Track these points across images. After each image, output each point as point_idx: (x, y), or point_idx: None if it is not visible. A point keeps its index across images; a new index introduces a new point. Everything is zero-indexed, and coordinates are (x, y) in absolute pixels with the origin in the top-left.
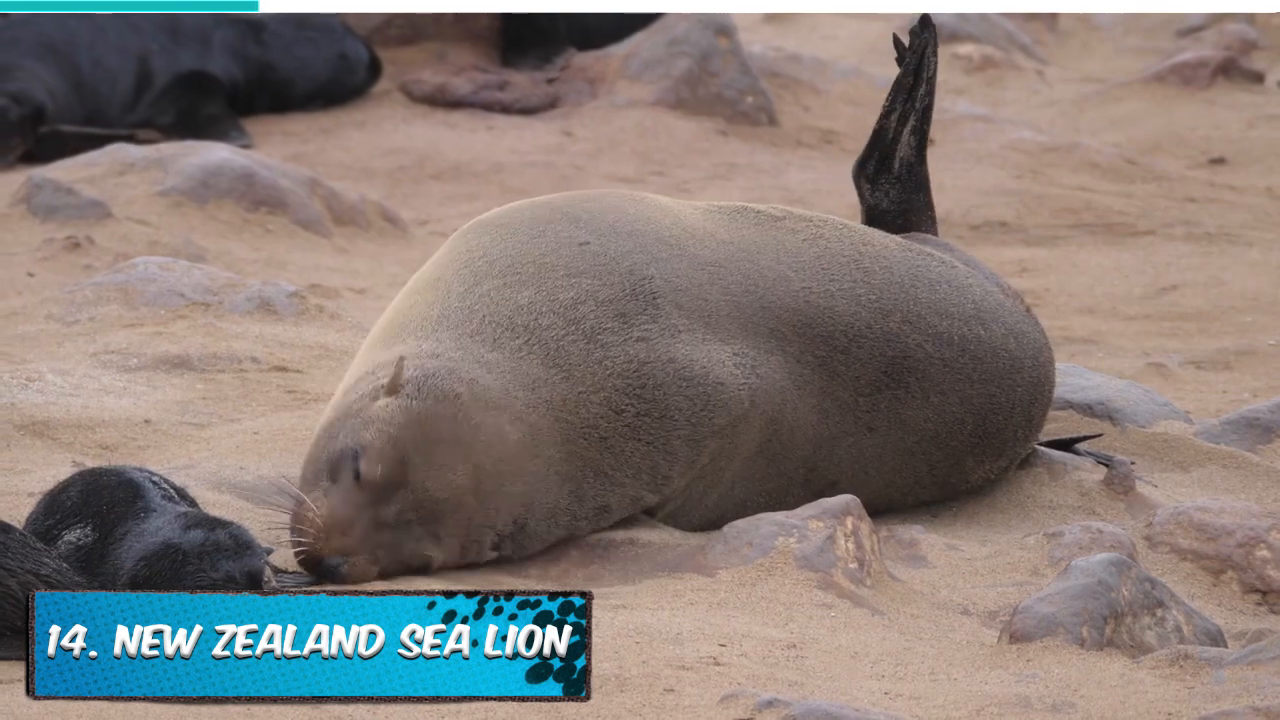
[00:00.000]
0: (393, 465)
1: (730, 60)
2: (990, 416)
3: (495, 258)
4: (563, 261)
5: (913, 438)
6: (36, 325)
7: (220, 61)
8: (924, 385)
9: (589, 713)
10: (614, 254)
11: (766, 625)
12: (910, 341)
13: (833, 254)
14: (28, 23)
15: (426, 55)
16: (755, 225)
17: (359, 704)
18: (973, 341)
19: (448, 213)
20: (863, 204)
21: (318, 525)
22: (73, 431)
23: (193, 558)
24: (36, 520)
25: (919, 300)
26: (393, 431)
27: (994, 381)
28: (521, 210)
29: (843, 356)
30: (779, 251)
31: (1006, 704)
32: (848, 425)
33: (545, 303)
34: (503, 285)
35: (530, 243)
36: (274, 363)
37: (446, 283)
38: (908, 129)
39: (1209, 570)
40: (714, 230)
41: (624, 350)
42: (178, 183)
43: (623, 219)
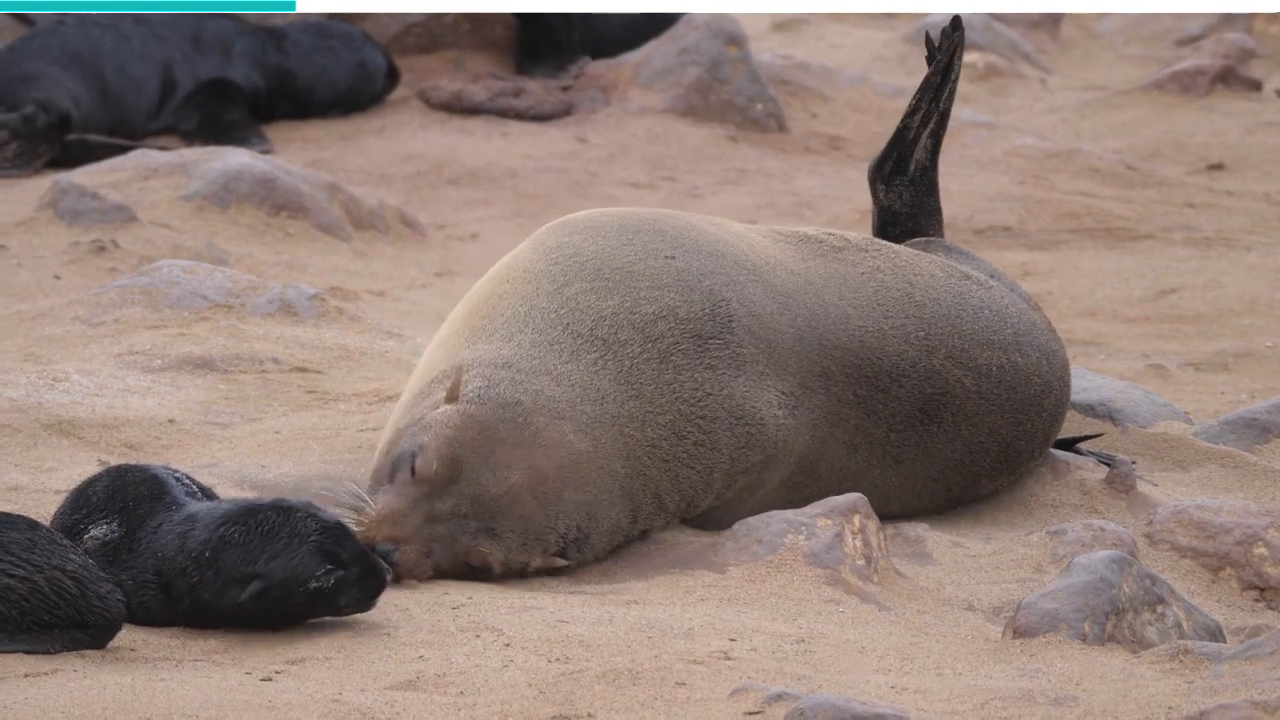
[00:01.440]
0: (447, 462)
1: (740, 68)
2: (1015, 442)
3: (586, 259)
4: (649, 272)
5: (937, 467)
6: (63, 327)
7: (242, 69)
8: (956, 419)
9: (603, 705)
10: (697, 271)
11: (776, 620)
12: (950, 377)
13: (888, 289)
14: (54, 32)
15: (444, 63)
16: (820, 256)
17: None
18: (1009, 371)
19: (464, 217)
20: (875, 205)
21: (371, 516)
22: (98, 430)
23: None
24: (64, 515)
25: (963, 334)
26: (449, 433)
27: (1024, 409)
28: (610, 216)
29: (882, 395)
30: (841, 287)
31: (1010, 698)
32: (875, 459)
33: (627, 315)
34: (589, 290)
35: (620, 249)
36: (295, 363)
37: (536, 278)
38: (926, 130)
39: (1208, 567)
40: (784, 259)
41: (693, 376)
42: (200, 187)
43: (704, 238)
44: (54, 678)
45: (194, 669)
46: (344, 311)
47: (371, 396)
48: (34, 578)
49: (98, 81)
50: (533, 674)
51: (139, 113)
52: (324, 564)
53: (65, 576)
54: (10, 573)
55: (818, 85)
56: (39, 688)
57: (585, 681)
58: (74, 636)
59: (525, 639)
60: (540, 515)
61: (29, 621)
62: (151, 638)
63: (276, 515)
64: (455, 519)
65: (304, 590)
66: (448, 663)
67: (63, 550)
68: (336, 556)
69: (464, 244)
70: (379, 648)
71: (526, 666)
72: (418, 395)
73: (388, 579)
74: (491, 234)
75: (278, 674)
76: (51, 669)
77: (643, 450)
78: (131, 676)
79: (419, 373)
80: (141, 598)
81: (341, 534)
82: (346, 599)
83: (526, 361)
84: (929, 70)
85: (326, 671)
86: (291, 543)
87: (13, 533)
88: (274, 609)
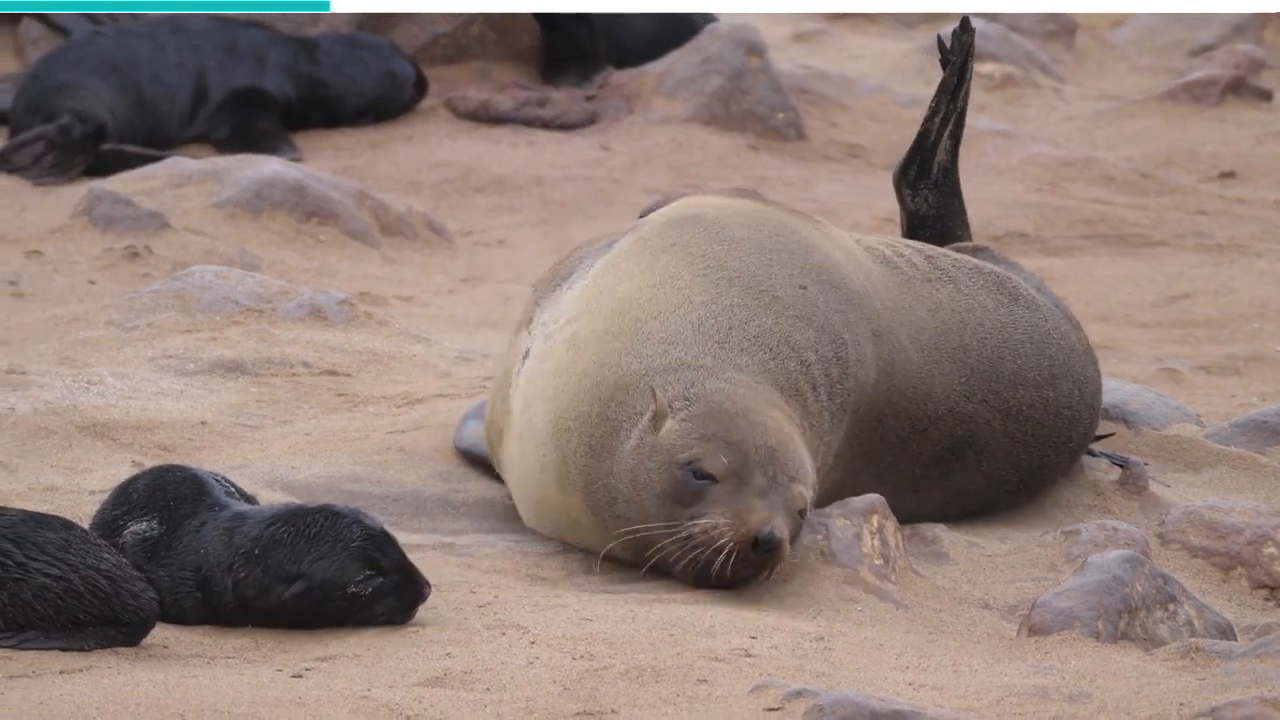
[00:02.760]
0: (726, 449)
1: (761, 78)
2: (1036, 473)
3: (733, 273)
4: (792, 301)
5: (955, 496)
6: (97, 331)
7: (274, 79)
8: (980, 457)
9: (626, 702)
10: (825, 309)
11: (795, 619)
12: (980, 419)
13: (943, 332)
14: (91, 42)
15: (471, 73)
16: (899, 287)
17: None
18: (1039, 408)
19: (491, 224)
20: (903, 210)
21: (724, 521)
22: (132, 432)
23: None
24: (105, 511)
25: (1001, 375)
26: (702, 431)
27: (1048, 444)
28: (736, 218)
29: (919, 437)
30: (912, 328)
31: (1025, 694)
32: (899, 489)
33: (782, 337)
34: (744, 306)
35: (761, 268)
36: (324, 367)
37: (688, 286)
38: (945, 133)
39: (1219, 567)
40: (878, 289)
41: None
42: (233, 195)
43: (827, 266)
44: (88, 674)
45: (226, 666)
46: (373, 316)
47: (400, 399)
48: (69, 577)
49: (133, 90)
50: (557, 671)
51: (172, 121)
52: (363, 569)
53: (100, 575)
54: (46, 572)
55: (837, 95)
56: (74, 684)
57: (609, 678)
58: (108, 634)
59: (550, 637)
60: (803, 455)
61: (64, 619)
62: (184, 635)
63: (324, 519)
64: (771, 482)
65: (342, 594)
66: (474, 660)
67: (97, 550)
68: (376, 563)
69: (490, 250)
70: (407, 645)
71: (551, 664)
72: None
73: (426, 593)
74: (518, 240)
75: (308, 671)
76: (86, 666)
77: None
78: (164, 673)
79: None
80: (176, 595)
81: (384, 542)
82: (383, 606)
83: (702, 359)
84: (945, 73)
85: (355, 669)
86: (335, 546)
87: (48, 533)
88: (314, 610)
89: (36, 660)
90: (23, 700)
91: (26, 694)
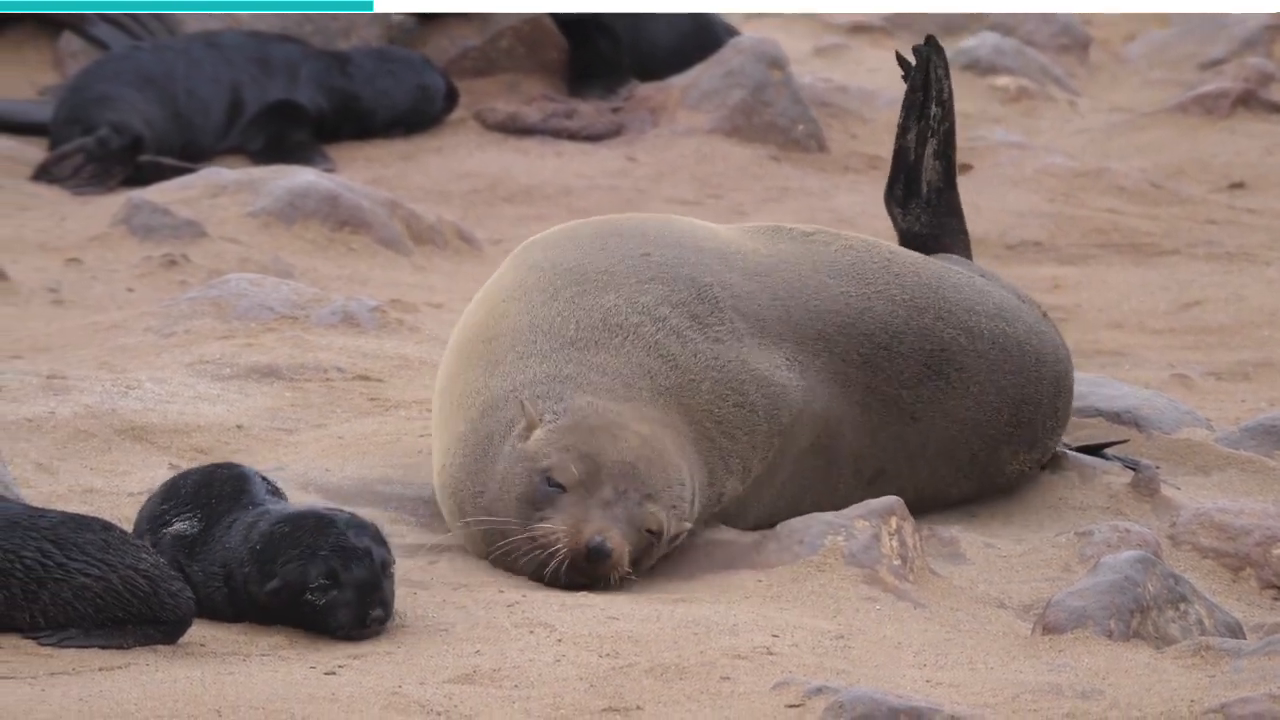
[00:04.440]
0: (579, 459)
1: (782, 91)
2: (1022, 406)
3: (568, 267)
4: (631, 270)
5: (955, 426)
6: (136, 337)
7: (308, 92)
8: (963, 376)
9: (651, 699)
10: (674, 263)
11: (816, 617)
12: (945, 336)
13: (864, 262)
14: (128, 55)
15: (499, 86)
16: (790, 240)
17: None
18: (1000, 336)
19: (519, 232)
20: (896, 229)
21: (561, 529)
22: (169, 436)
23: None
24: (153, 504)
25: (948, 299)
26: (563, 442)
27: (1022, 374)
28: (577, 227)
29: (885, 353)
30: (815, 262)
31: (1039, 691)
32: (891, 416)
33: (628, 305)
34: (582, 292)
35: (596, 254)
36: (357, 372)
37: (527, 293)
38: (929, 152)
39: (1229, 567)
40: (755, 246)
41: (709, 348)
42: (267, 204)
43: (672, 234)
44: (127, 671)
45: (261, 663)
46: (404, 322)
47: (430, 404)
48: (109, 576)
49: (169, 103)
50: (584, 668)
51: (208, 133)
52: (320, 579)
53: (138, 575)
54: (86, 572)
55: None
56: (113, 681)
57: (634, 676)
58: (146, 632)
59: (577, 635)
60: (670, 473)
61: (104, 618)
62: (220, 633)
63: (315, 523)
64: (620, 497)
65: (303, 598)
66: (503, 658)
67: (135, 550)
68: (335, 575)
69: None
70: (437, 643)
71: (578, 661)
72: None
73: (378, 615)
74: None
75: (340, 668)
76: (125, 663)
77: (700, 414)
78: (201, 670)
79: (440, 412)
80: (208, 589)
81: (353, 558)
82: (336, 620)
83: (564, 367)
84: (907, 88)
85: (387, 666)
86: (304, 552)
87: (88, 533)
88: (286, 610)
89: (77, 658)
90: (63, 697)
91: (67, 690)
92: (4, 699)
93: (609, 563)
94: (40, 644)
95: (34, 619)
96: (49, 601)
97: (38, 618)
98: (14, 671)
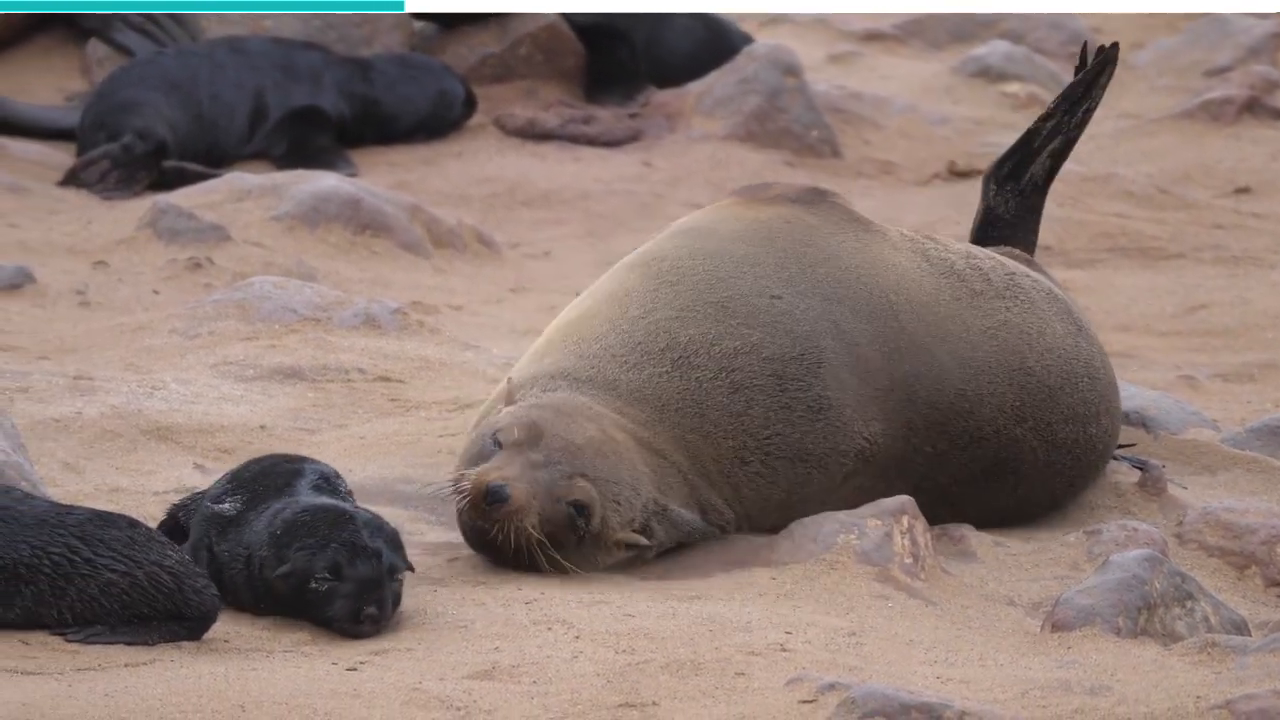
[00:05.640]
0: (526, 426)
1: (797, 97)
2: (1065, 497)
3: (682, 288)
4: (745, 311)
5: (987, 514)
6: (161, 339)
7: (330, 98)
8: (1017, 480)
9: (667, 694)
10: (799, 315)
11: (829, 615)
12: (1027, 446)
13: (1005, 350)
14: (153, 61)
15: (518, 92)
16: (955, 300)
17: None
18: (1082, 444)
19: (537, 236)
20: (983, 203)
21: (475, 473)
22: (194, 436)
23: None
24: (219, 484)
25: (1056, 409)
26: (520, 412)
27: (1084, 473)
28: (737, 235)
29: (959, 454)
30: (959, 343)
31: (1048, 687)
32: (930, 501)
33: (706, 345)
34: (674, 319)
35: (729, 280)
36: (378, 373)
37: (624, 300)
38: (1050, 147)
39: (1234, 565)
40: (917, 302)
41: (764, 413)
42: (290, 208)
43: (832, 275)
44: (152, 667)
45: (284, 659)
46: (424, 325)
47: (450, 404)
48: (134, 573)
49: (194, 108)
50: (601, 664)
51: (231, 138)
52: (324, 570)
53: (163, 572)
54: (112, 568)
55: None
56: (138, 676)
57: (650, 671)
58: (171, 628)
59: (594, 631)
60: (624, 473)
61: (129, 614)
62: (244, 630)
63: (335, 517)
64: (550, 464)
65: (307, 586)
66: (521, 654)
67: (161, 547)
68: (339, 570)
69: (537, 261)
70: (457, 640)
71: (595, 657)
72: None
73: (371, 614)
74: (563, 252)
75: (362, 664)
76: (150, 659)
77: (706, 459)
78: (225, 666)
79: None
80: (231, 570)
81: (360, 556)
82: (334, 611)
83: (583, 371)
84: (1073, 79)
85: (408, 662)
86: (315, 542)
87: (114, 530)
88: (293, 597)
89: (103, 653)
90: (90, 692)
91: (93, 686)
92: (32, 694)
93: (504, 509)
94: (67, 640)
95: (61, 615)
96: (76, 597)
97: (65, 614)
98: (41, 667)
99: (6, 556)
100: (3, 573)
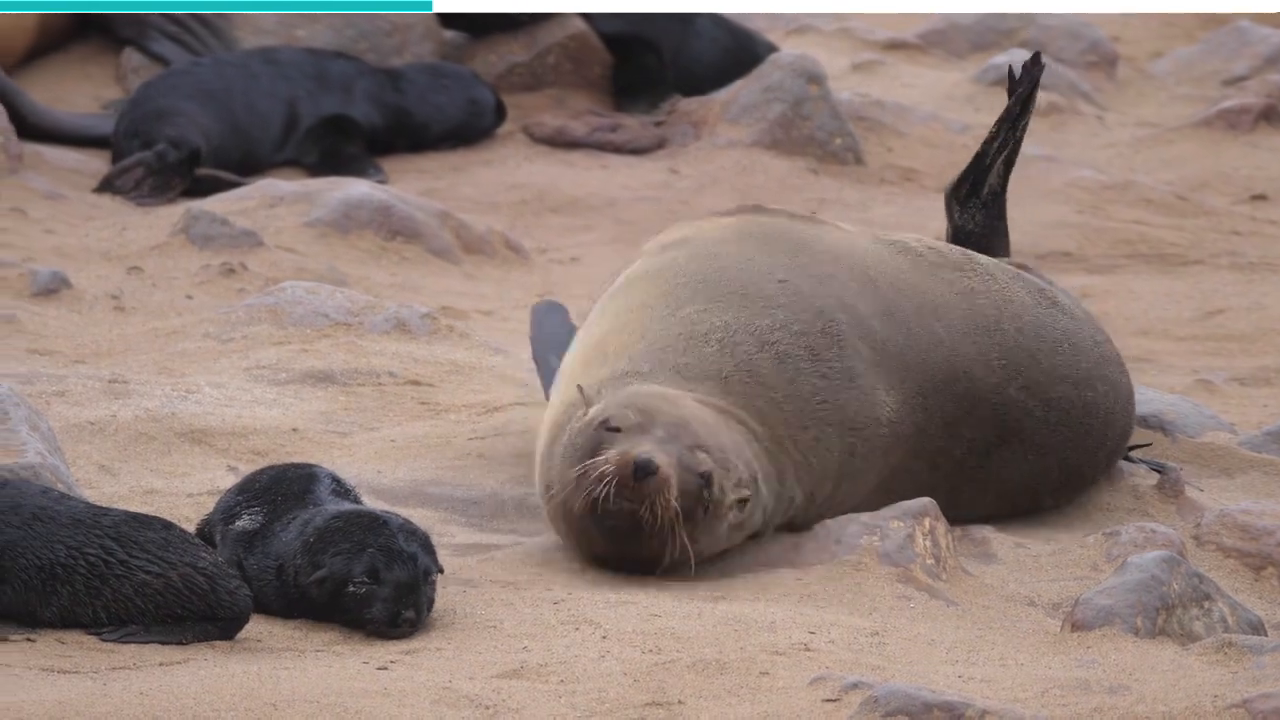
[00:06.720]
0: (639, 410)
1: (820, 105)
2: (1078, 467)
3: (701, 285)
4: (761, 294)
5: (1005, 487)
6: (195, 343)
7: (361, 107)
8: (1025, 446)
9: (692, 693)
10: (809, 293)
11: (852, 615)
12: (1023, 407)
13: (978, 312)
14: (188, 70)
15: (547, 101)
16: (918, 271)
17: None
18: (1079, 406)
19: (565, 242)
20: (950, 224)
21: (613, 455)
22: (227, 439)
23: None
24: (229, 496)
25: (1041, 367)
26: (623, 399)
27: (1089, 440)
28: (724, 237)
29: (966, 418)
30: (937, 308)
31: (1068, 687)
32: (952, 477)
33: (744, 326)
34: (704, 310)
35: (736, 270)
36: (409, 377)
37: (650, 307)
38: (1000, 158)
39: (1251, 566)
40: (890, 273)
41: (810, 381)
42: (322, 215)
43: (815, 259)
44: (186, 666)
45: (315, 659)
46: (454, 329)
47: (480, 408)
48: (168, 574)
49: (228, 117)
50: (628, 664)
51: (265, 146)
52: (363, 574)
53: (197, 573)
54: (147, 569)
55: (893, 122)
56: (172, 675)
57: (676, 671)
58: (204, 628)
59: (621, 631)
60: (724, 439)
61: (163, 614)
62: (276, 630)
63: (369, 522)
64: (670, 439)
65: (344, 590)
66: (549, 653)
67: (194, 548)
68: (376, 573)
69: (565, 267)
70: (486, 639)
71: (622, 657)
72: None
73: (409, 616)
74: (591, 258)
75: (392, 663)
76: (184, 658)
77: (777, 424)
78: (257, 665)
79: (552, 408)
80: (260, 582)
81: (396, 560)
82: (372, 614)
83: (642, 366)
84: (1009, 101)
85: (438, 661)
86: (352, 547)
87: (149, 532)
88: (329, 602)
89: (137, 653)
90: (124, 690)
91: (128, 684)
92: (67, 693)
93: (655, 480)
94: (102, 639)
95: (96, 615)
96: (111, 598)
97: (100, 614)
98: (76, 666)
99: (44, 557)
100: (40, 573)
